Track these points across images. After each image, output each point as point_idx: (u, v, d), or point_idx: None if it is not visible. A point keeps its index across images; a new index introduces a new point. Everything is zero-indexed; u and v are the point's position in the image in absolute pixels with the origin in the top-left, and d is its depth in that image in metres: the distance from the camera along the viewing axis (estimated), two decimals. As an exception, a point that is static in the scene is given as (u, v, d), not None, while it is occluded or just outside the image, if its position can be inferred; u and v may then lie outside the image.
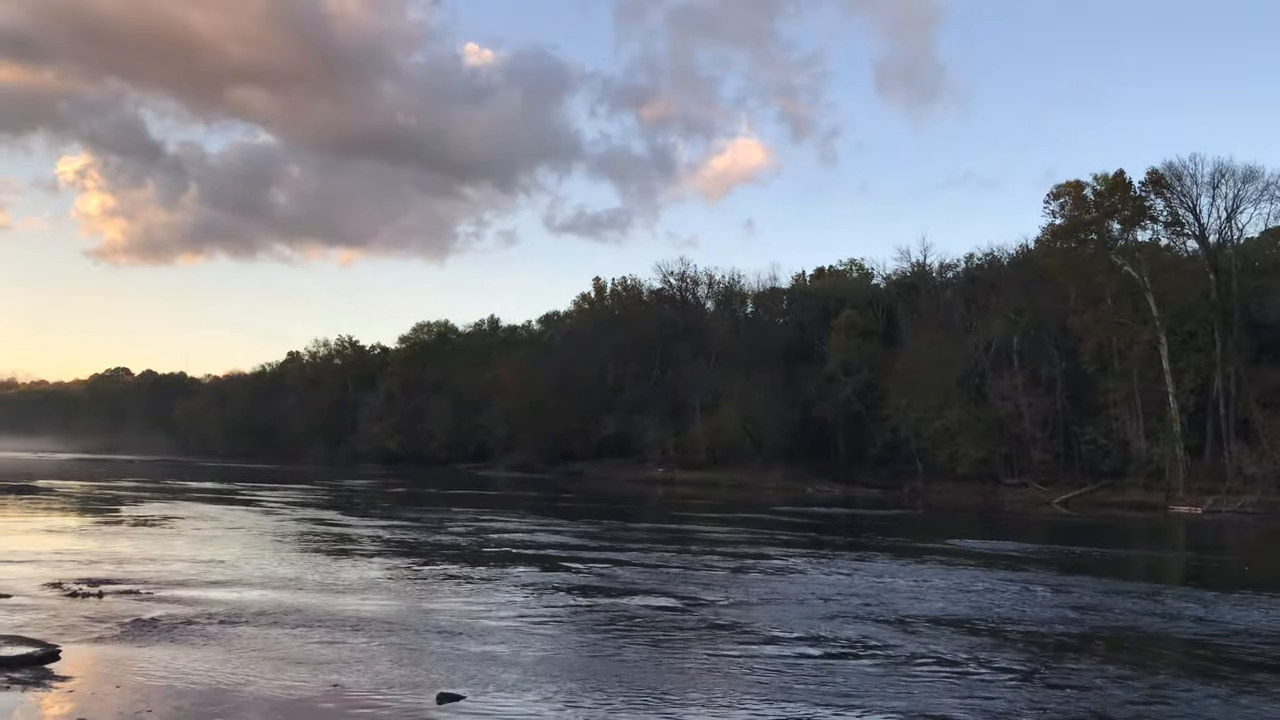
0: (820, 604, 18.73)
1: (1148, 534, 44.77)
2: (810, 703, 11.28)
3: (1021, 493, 66.38)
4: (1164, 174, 64.73)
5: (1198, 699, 11.85)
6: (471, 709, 10.67)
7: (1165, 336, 62.84)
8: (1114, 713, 11.20)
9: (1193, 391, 62.81)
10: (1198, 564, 31.55)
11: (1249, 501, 55.76)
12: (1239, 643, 15.75)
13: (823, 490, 72.60)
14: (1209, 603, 19.86)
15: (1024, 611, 18.60)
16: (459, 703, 10.85)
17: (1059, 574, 24.77)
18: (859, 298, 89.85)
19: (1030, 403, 67.92)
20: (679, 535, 34.54)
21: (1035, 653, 14.71)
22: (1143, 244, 66.45)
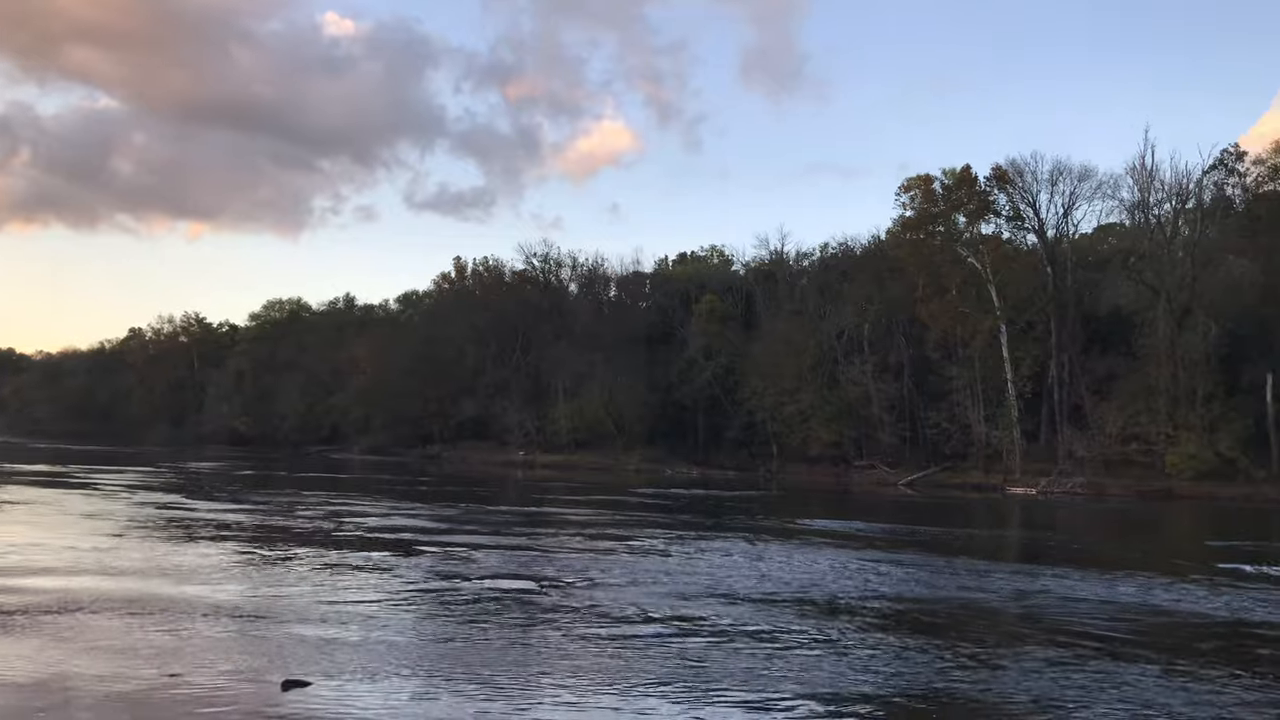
0: (676, 584, 18.97)
1: (986, 514, 47.04)
2: (665, 682, 11.41)
3: (870, 474, 68.80)
4: (1007, 170, 67.92)
5: (1031, 669, 12.49)
6: (318, 696, 10.38)
7: (1005, 326, 66.03)
8: (954, 683, 11.71)
9: (1029, 379, 66.22)
10: (1032, 542, 33.34)
11: (1078, 483, 59.27)
12: (1069, 615, 16.69)
13: (681, 472, 73.62)
14: (1043, 578, 20.98)
15: (872, 588, 19.28)
16: (306, 689, 10.55)
17: (905, 552, 25.78)
18: (720, 283, 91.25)
19: (879, 388, 70.40)
20: (538, 518, 34.47)
21: (883, 628, 15.26)
22: (986, 237, 69.55)
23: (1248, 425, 58.74)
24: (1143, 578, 20.88)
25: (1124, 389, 62.67)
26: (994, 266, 66.55)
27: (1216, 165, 64.55)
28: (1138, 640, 14.53)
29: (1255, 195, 64.84)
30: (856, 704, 10.77)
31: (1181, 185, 64.55)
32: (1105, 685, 11.60)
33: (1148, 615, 16.77)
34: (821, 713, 10.39)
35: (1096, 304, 66.28)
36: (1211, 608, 17.61)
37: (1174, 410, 59.57)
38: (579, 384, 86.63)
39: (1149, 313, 62.84)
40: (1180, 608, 17.56)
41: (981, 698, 11.06)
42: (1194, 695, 11.21)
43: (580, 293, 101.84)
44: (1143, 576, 21.05)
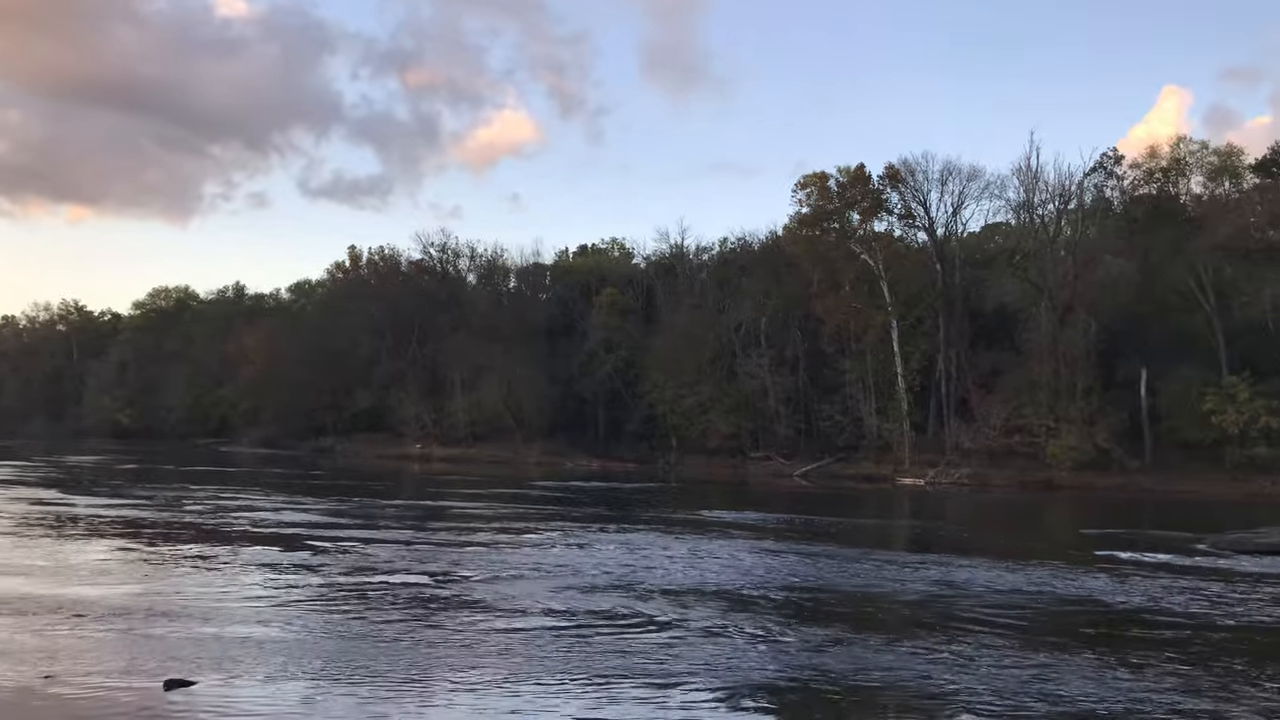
0: (574, 576, 18.96)
1: (878, 504, 48.22)
2: (566, 674, 11.39)
3: (766, 465, 69.79)
4: (899, 169, 69.57)
5: (924, 654, 12.84)
6: (202, 696, 10.06)
7: (896, 321, 67.67)
8: (849, 669, 11.96)
9: (919, 372, 68.03)
10: (922, 531, 34.29)
11: (964, 474, 61.16)
12: (958, 602, 17.21)
13: (581, 465, 73.61)
14: (933, 566, 21.58)
15: (769, 578, 19.57)
16: (189, 689, 10.21)
17: (800, 542, 26.23)
18: (620, 276, 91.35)
19: (776, 381, 71.46)
20: (435, 512, 34.03)
21: (780, 616, 15.50)
22: (879, 234, 71.12)
23: (1123, 418, 61.43)
24: (1026, 565, 21.64)
25: (1008, 383, 64.85)
26: (886, 263, 68.13)
27: (1096, 168, 67.23)
28: (1023, 625, 15.06)
29: (1132, 198, 67.75)
30: (755, 691, 10.92)
31: (1064, 187, 67.03)
32: (993, 668, 11.99)
33: (1031, 601, 17.39)
34: (722, 700, 10.51)
35: (983, 301, 68.41)
36: (1089, 593, 18.36)
37: (1055, 403, 61.90)
38: (477, 376, 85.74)
39: (1032, 309, 65.15)
40: (1061, 593, 18.26)
41: (875, 683, 11.33)
42: (1076, 676, 11.67)
43: (479, 284, 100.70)
44: (1026, 564, 21.82)
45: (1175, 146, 68.81)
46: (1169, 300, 64.86)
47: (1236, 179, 68.58)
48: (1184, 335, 63.67)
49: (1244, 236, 61.24)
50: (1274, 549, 24.13)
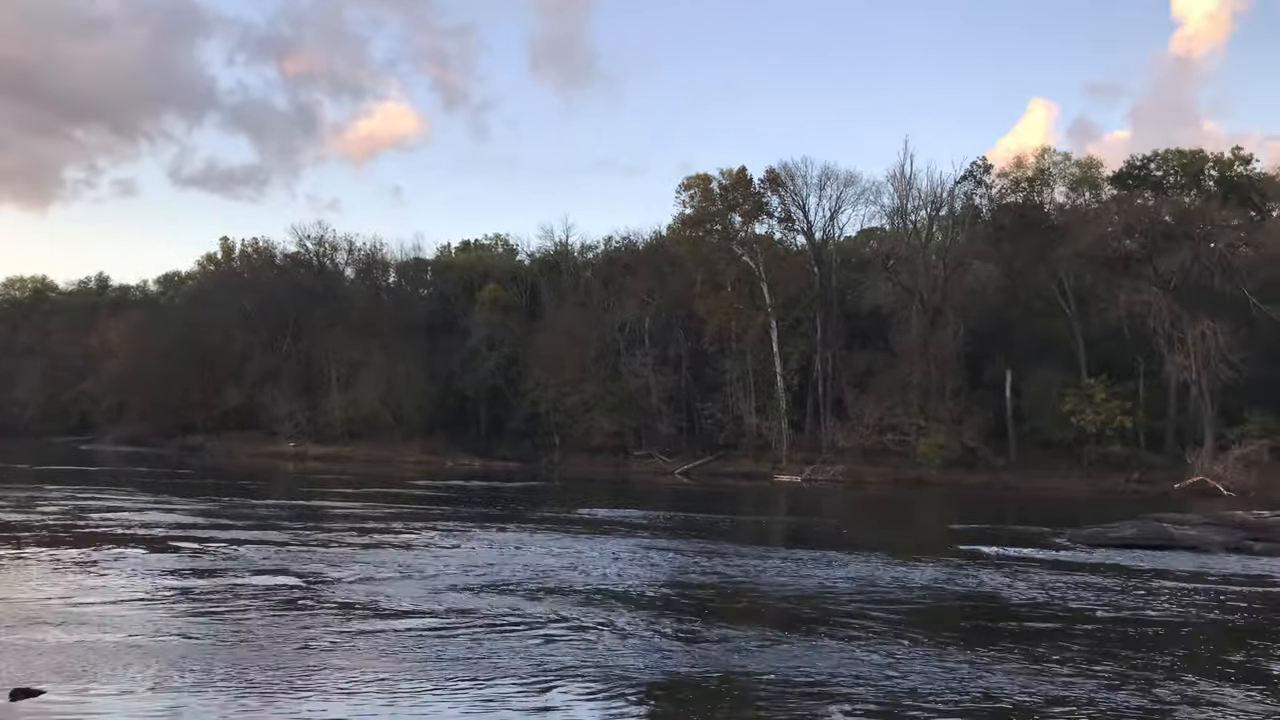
0: (454, 576, 18.69)
1: (756, 501, 49.01)
2: (443, 674, 11.19)
3: (648, 464, 70.26)
4: (779, 173, 70.92)
5: (798, 648, 13.06)
6: (53, 705, 9.53)
7: (776, 322, 69.01)
8: (726, 663, 12.08)
9: (797, 372, 69.52)
10: (798, 527, 34.97)
11: (839, 471, 62.77)
12: (832, 596, 17.59)
13: (462, 464, 72.71)
14: (808, 562, 22.02)
15: (649, 574, 19.66)
16: (38, 699, 9.65)
17: (681, 539, 26.45)
18: (504, 273, 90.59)
19: (659, 379, 72.02)
20: (308, 512, 33.11)
21: (660, 612, 15.57)
22: (760, 236, 72.41)
23: (989, 418, 63.97)
24: (898, 560, 22.29)
25: (881, 383, 66.82)
26: (766, 265, 69.37)
27: (966, 176, 69.84)
28: (896, 618, 15.47)
29: (999, 206, 70.58)
30: (637, 688, 10.93)
31: (936, 194, 69.46)
32: (867, 660, 12.28)
33: (903, 594, 17.90)
34: (603, 698, 10.48)
35: (858, 303, 70.28)
36: (958, 586, 19.01)
37: (925, 403, 64.04)
38: (355, 373, 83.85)
39: (905, 312, 67.30)
40: (931, 586, 18.85)
41: (755, 677, 11.46)
42: (946, 666, 12.04)
43: (357, 278, 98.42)
44: (898, 559, 22.47)
45: (1040, 157, 72.04)
46: (1033, 305, 67.82)
47: (1096, 190, 72.14)
48: (1046, 339, 66.68)
49: (1102, 245, 64.39)
50: (1125, 543, 25.45)
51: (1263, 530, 26.81)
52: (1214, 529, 26.76)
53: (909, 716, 10.02)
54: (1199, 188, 67.51)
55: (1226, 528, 27.02)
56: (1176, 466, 58.22)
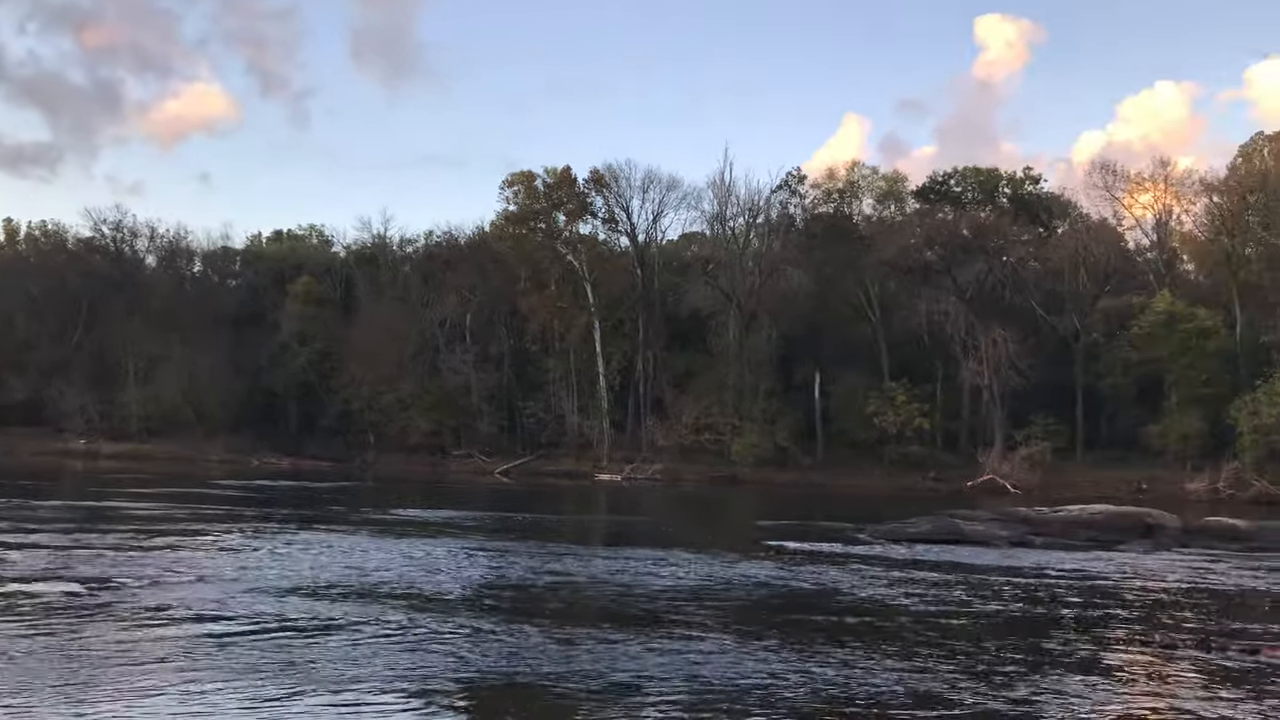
0: (255, 580, 17.84)
1: (577, 500, 49.19)
2: (243, 682, 10.61)
3: (468, 463, 69.39)
4: (604, 174, 71.52)
5: (614, 647, 13.07)
6: None
7: (599, 322, 69.52)
8: (541, 665, 11.98)
9: (619, 372, 70.26)
10: (617, 526, 35.27)
11: (658, 470, 63.79)
12: (647, 593, 17.76)
13: (270, 463, 69.71)
14: (626, 559, 22.18)
15: (465, 576, 19.34)
16: None
17: (498, 539, 26.19)
18: (318, 265, 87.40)
19: (480, 377, 71.27)
20: (99, 513, 30.96)
21: (475, 614, 15.31)
22: (584, 236, 72.83)
23: (799, 418, 66.45)
24: (712, 556, 22.78)
25: (700, 384, 68.38)
26: (590, 265, 69.79)
27: (782, 186, 72.33)
28: (708, 613, 15.76)
29: (812, 215, 73.43)
30: (450, 693, 10.67)
31: (753, 202, 71.61)
32: (680, 655, 12.42)
33: (716, 589, 18.27)
34: (415, 703, 10.18)
35: (679, 306, 71.69)
36: (766, 580, 19.57)
37: (740, 404, 65.90)
38: (154, 366, 79.09)
39: (723, 316, 69.07)
40: (740, 581, 19.32)
41: (573, 677, 11.41)
42: (752, 661, 12.32)
43: (159, 266, 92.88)
44: (712, 554, 22.97)
45: (850, 170, 75.34)
46: (841, 311, 70.88)
47: (901, 203, 76.01)
48: (853, 343, 69.82)
49: (906, 256, 67.94)
50: (921, 538, 26.89)
51: (1042, 525, 28.85)
52: (999, 524, 28.61)
53: (721, 711, 10.20)
54: (994, 204, 72.13)
55: (1011, 523, 28.93)
56: (969, 465, 62.07)
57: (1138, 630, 15.30)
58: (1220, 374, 59.52)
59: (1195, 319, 59.96)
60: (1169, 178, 70.08)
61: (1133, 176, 71.04)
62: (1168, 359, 59.85)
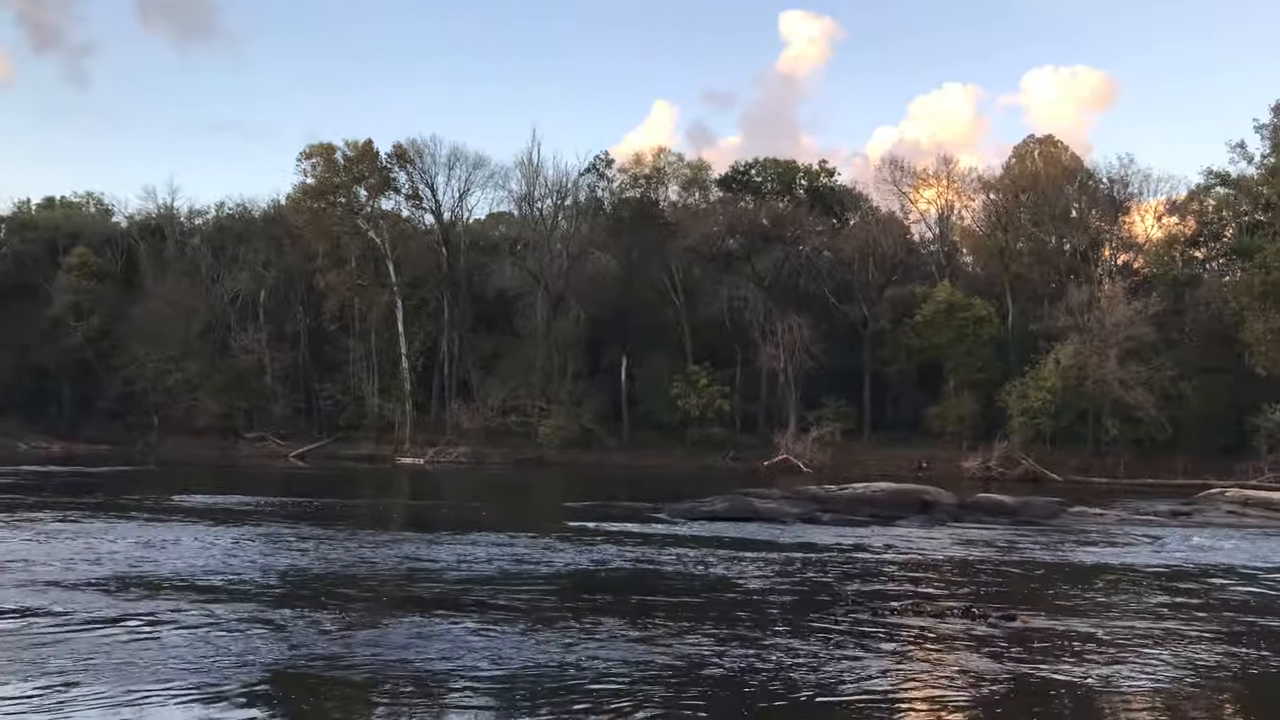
0: (21, 572, 16.57)
1: (377, 484, 48.08)
2: (16, 681, 9.85)
3: (261, 447, 66.58)
4: (408, 149, 69.79)
5: (413, 633, 12.88)
6: None
7: (402, 301, 68.00)
8: (344, 653, 11.67)
9: (422, 353, 69.01)
10: (419, 510, 34.70)
11: (463, 453, 63.10)
12: (448, 577, 17.57)
13: (39, 447, 64.60)
14: (426, 544, 21.84)
15: (256, 563, 18.58)
16: None
17: (293, 525, 25.26)
18: (96, 235, 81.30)
19: (274, 357, 68.41)
20: None
21: (267, 602, 14.75)
22: (386, 212, 70.96)
23: (606, 400, 67.21)
24: (515, 538, 22.77)
25: (506, 366, 68.08)
26: (393, 242, 68.13)
27: (590, 169, 72.67)
28: (513, 595, 15.75)
29: (619, 199, 74.17)
30: (236, 687, 10.23)
31: (561, 183, 71.68)
32: (488, 638, 12.37)
33: (520, 571, 18.27)
34: (197, 698, 9.71)
35: (486, 286, 71.03)
36: (563, 561, 19.75)
37: (547, 386, 66.04)
38: (-98, 342, 71.93)
39: (530, 297, 68.92)
40: (543, 562, 19.42)
41: (378, 665, 11.18)
42: (549, 643, 12.42)
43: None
44: (515, 537, 22.97)
45: (656, 156, 76.44)
46: (647, 295, 72.05)
47: (705, 191, 77.81)
48: (658, 327, 71.15)
49: (709, 243, 69.69)
50: (716, 515, 27.80)
51: (830, 502, 30.39)
52: (790, 502, 29.94)
53: (523, 693, 10.25)
54: (791, 195, 74.88)
55: (800, 501, 30.33)
56: (766, 446, 64.45)
57: (909, 600, 16.36)
58: (993, 360, 64.06)
59: (972, 308, 64.27)
60: (951, 175, 74.76)
61: (919, 173, 75.39)
62: (946, 346, 63.93)
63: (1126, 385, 57.55)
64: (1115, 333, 58.60)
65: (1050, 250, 69.18)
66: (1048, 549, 23.84)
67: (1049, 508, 31.88)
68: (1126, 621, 14.74)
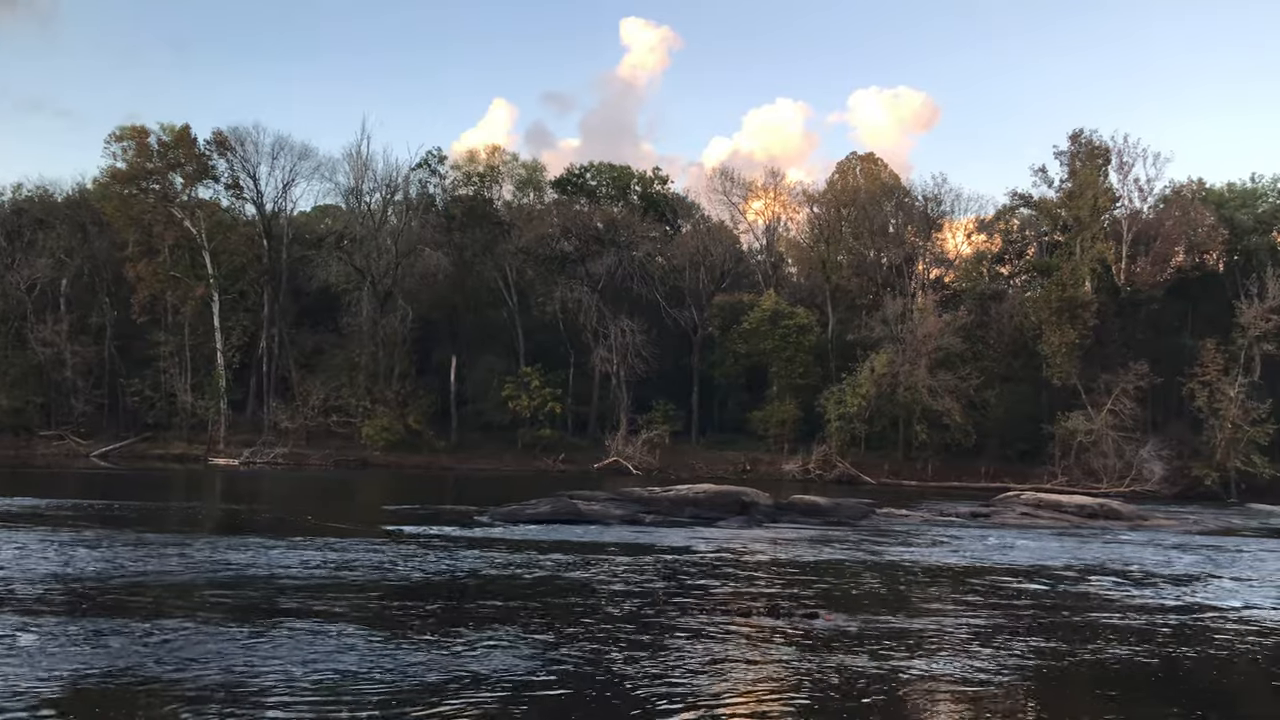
0: None
1: (188, 486, 45.72)
2: None
3: (59, 445, 62.24)
4: (229, 136, 66.70)
5: (234, 639, 12.27)
6: None
7: (218, 294, 64.93)
8: (150, 663, 11.02)
9: (240, 349, 66.07)
10: (233, 513, 33.14)
11: (281, 453, 60.72)
12: (261, 583, 16.83)
13: None
14: (240, 549, 20.84)
15: (54, 571, 17.33)
16: None
17: (95, 529, 23.69)
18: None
19: (75, 350, 64.09)
20: None
21: (67, 613, 13.80)
22: (204, 201, 67.61)
23: (434, 401, 66.08)
24: (330, 543, 22.06)
25: (329, 364, 66.03)
26: (210, 233, 65.03)
27: (422, 164, 71.32)
28: (325, 601, 15.23)
29: (452, 197, 73.08)
30: (35, 703, 9.48)
31: (391, 178, 70.08)
32: (293, 650, 11.90)
33: (333, 577, 17.71)
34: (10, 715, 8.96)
35: (310, 281, 68.70)
36: (379, 566, 19.26)
37: (372, 385, 64.39)
38: None
39: (356, 294, 67.05)
40: (357, 567, 18.88)
41: (174, 675, 10.59)
42: (363, 650, 12.07)
43: None
44: (330, 542, 22.25)
45: (491, 155, 75.78)
46: (480, 295, 71.35)
47: (540, 192, 77.65)
48: (490, 328, 70.57)
49: (543, 244, 69.57)
50: (540, 518, 27.73)
51: (654, 504, 30.79)
52: (615, 504, 30.16)
53: (335, 701, 9.92)
54: (626, 200, 75.65)
55: (625, 503, 30.60)
56: (597, 448, 64.85)
57: (719, 598, 16.74)
58: (814, 367, 66.44)
59: (795, 317, 66.48)
60: (779, 188, 77.14)
61: (748, 184, 77.44)
62: (771, 352, 65.89)
63: (935, 393, 60.70)
64: (926, 343, 61.73)
65: (869, 263, 72.31)
66: (856, 548, 24.86)
67: (860, 509, 33.28)
68: (926, 617, 15.51)
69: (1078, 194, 63.95)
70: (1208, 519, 40.18)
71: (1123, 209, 66.06)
